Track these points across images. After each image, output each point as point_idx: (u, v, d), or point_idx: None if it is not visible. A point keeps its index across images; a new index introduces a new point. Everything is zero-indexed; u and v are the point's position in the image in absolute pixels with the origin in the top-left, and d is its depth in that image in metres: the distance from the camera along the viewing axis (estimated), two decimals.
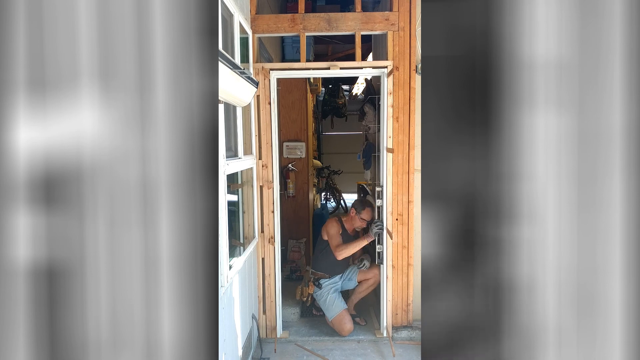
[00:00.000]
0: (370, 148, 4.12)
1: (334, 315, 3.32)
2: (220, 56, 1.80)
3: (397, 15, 3.07)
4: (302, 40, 3.12)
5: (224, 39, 2.46)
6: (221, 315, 2.15)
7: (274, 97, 3.15)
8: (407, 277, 3.27)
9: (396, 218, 3.21)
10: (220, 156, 2.14)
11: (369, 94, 4.23)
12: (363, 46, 3.34)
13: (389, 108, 3.10)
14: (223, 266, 2.17)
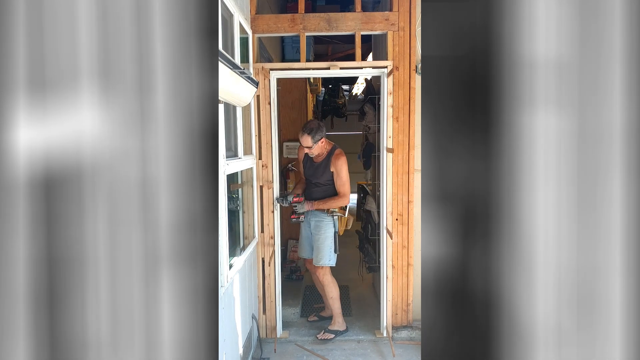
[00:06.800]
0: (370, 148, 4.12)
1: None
2: (220, 56, 1.80)
3: (397, 15, 3.07)
4: (302, 40, 3.12)
5: (224, 39, 2.46)
6: (221, 315, 2.15)
7: (274, 97, 3.15)
8: (407, 277, 3.27)
9: (396, 218, 3.21)
10: (220, 156, 2.13)
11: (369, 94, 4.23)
12: (363, 46, 3.34)
13: (389, 108, 3.10)
14: (223, 266, 2.17)
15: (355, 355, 3.09)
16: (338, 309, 3.33)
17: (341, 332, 3.34)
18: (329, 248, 3.18)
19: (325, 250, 3.18)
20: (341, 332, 3.34)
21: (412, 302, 3.29)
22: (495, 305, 1.20)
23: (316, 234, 3.22)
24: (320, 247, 3.19)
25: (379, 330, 3.39)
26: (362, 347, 3.21)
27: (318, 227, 3.22)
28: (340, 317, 3.35)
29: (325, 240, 3.19)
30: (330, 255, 3.20)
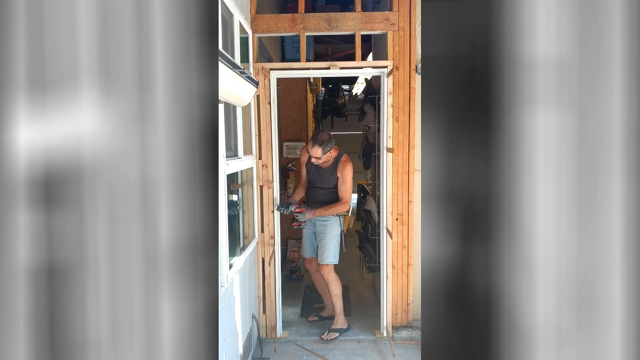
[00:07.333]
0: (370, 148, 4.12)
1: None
2: (220, 56, 1.80)
3: (397, 15, 3.07)
4: (302, 40, 3.12)
5: (224, 39, 2.46)
6: (221, 315, 2.15)
7: (274, 97, 3.15)
8: (407, 277, 3.27)
9: (396, 218, 3.21)
10: (220, 156, 2.13)
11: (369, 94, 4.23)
12: (363, 46, 3.34)
13: (389, 108, 3.10)
14: (223, 266, 2.17)
15: (355, 355, 3.09)
16: (340, 307, 3.37)
17: (344, 330, 3.37)
18: (334, 247, 3.24)
19: (331, 248, 3.23)
20: (344, 330, 3.37)
21: (412, 302, 3.29)
22: (495, 305, 1.20)
23: (322, 232, 3.27)
24: (327, 245, 3.24)
25: (379, 330, 3.39)
26: (362, 347, 3.21)
27: (324, 226, 3.26)
28: (342, 315, 3.38)
29: (332, 239, 3.24)
30: (336, 253, 3.25)
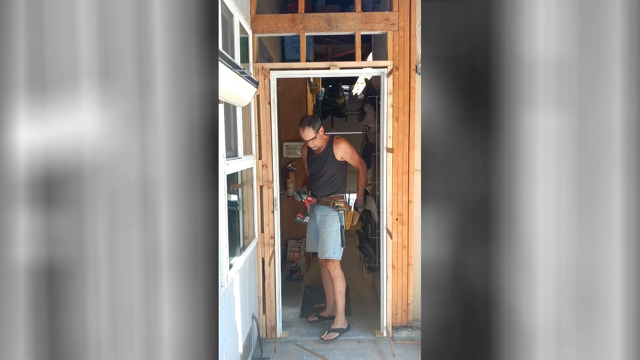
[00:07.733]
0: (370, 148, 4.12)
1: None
2: (220, 56, 1.80)
3: (397, 15, 3.07)
4: (302, 40, 3.12)
5: (224, 39, 2.46)
6: (221, 315, 2.15)
7: (274, 97, 3.15)
8: (407, 277, 3.27)
9: (396, 218, 3.21)
10: (220, 156, 2.13)
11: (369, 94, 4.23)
12: (363, 46, 3.34)
13: (389, 108, 3.10)
14: (223, 266, 2.17)
15: (355, 355, 3.09)
16: (342, 305, 3.38)
17: (344, 330, 3.37)
18: (333, 241, 3.25)
19: (329, 243, 3.24)
20: (344, 330, 3.37)
21: (412, 302, 3.29)
22: (495, 305, 1.20)
23: (322, 227, 3.29)
24: (325, 240, 3.26)
25: (379, 330, 3.39)
26: (362, 347, 3.21)
27: (323, 221, 3.29)
28: (343, 314, 3.39)
29: (330, 234, 3.25)
30: (335, 248, 3.25)
